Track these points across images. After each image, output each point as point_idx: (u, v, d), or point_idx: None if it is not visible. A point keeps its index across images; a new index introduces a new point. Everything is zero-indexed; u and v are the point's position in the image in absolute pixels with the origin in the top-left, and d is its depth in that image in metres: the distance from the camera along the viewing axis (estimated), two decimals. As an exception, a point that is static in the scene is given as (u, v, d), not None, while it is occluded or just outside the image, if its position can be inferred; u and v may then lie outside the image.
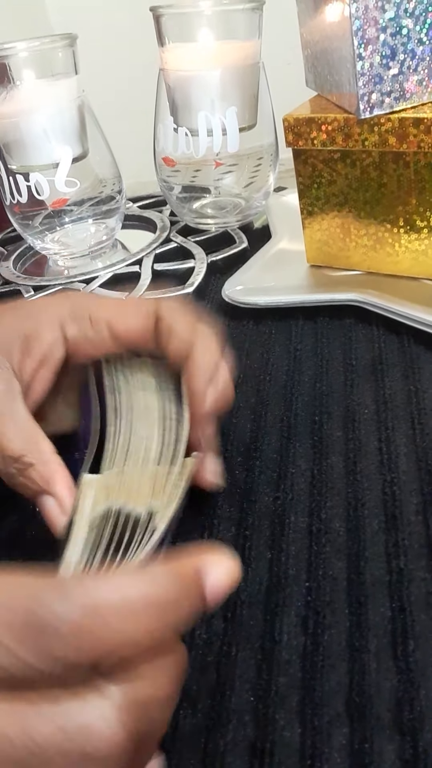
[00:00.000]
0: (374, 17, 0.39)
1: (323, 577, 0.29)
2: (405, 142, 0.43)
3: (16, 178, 0.55)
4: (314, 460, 0.36)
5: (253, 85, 0.57)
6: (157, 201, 0.70)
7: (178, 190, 0.62)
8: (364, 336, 0.45)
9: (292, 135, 0.46)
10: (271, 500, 0.34)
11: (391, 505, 0.32)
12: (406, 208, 0.46)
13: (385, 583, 0.29)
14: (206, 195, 0.63)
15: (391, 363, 0.42)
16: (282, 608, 0.28)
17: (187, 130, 0.56)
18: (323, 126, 0.45)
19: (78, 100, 0.55)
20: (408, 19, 0.40)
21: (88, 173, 0.57)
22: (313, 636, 0.27)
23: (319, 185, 0.48)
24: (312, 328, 0.47)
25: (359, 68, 0.40)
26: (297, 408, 0.39)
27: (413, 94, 0.42)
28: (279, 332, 0.47)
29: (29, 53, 0.52)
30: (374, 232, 0.48)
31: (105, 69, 1.01)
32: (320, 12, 0.45)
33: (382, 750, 0.23)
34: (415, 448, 0.35)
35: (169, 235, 0.61)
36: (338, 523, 0.32)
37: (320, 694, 0.25)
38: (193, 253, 0.57)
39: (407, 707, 0.24)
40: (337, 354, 0.44)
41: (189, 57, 0.55)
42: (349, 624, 0.27)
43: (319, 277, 0.51)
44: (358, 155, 0.46)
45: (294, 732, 0.24)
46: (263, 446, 0.37)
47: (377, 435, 0.37)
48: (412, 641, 0.26)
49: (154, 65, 0.58)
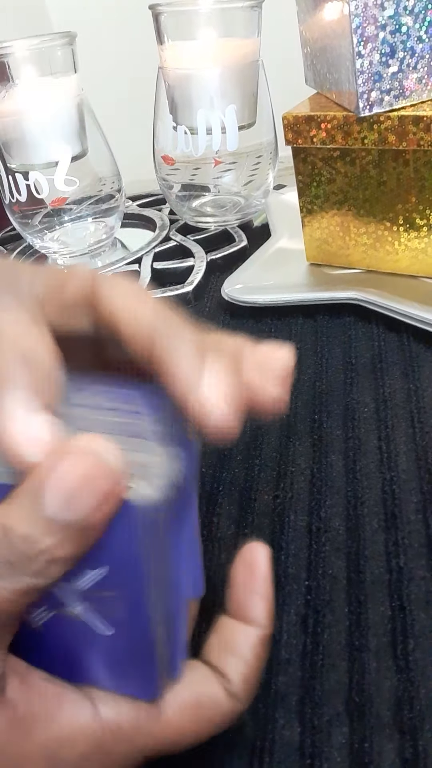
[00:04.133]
0: (373, 15, 0.39)
1: (323, 575, 0.29)
2: (404, 140, 0.42)
3: (15, 176, 0.55)
4: (314, 459, 0.36)
5: (253, 83, 0.57)
6: (156, 199, 0.70)
7: (178, 188, 0.62)
8: (363, 334, 0.45)
9: (292, 133, 0.46)
10: (271, 499, 0.34)
11: (390, 503, 0.32)
12: (406, 206, 0.46)
13: (384, 581, 0.29)
14: (205, 193, 0.63)
15: (391, 361, 0.42)
16: (282, 607, 0.28)
17: (187, 129, 0.56)
18: (323, 124, 0.45)
19: (77, 99, 0.55)
20: (407, 16, 0.40)
21: (88, 172, 0.57)
22: (312, 635, 0.27)
23: (319, 183, 0.48)
24: (311, 326, 0.47)
25: (359, 66, 0.40)
26: (297, 406, 0.39)
27: (413, 91, 0.42)
28: (278, 331, 0.47)
29: (29, 51, 0.52)
30: (374, 231, 0.48)
31: (104, 67, 1.01)
32: (319, 10, 0.45)
33: (382, 749, 0.23)
34: (415, 446, 0.35)
35: (168, 234, 0.61)
36: (338, 521, 0.32)
37: (320, 693, 0.25)
38: (193, 252, 0.57)
39: (407, 706, 0.24)
40: (337, 352, 0.44)
41: (188, 55, 0.54)
42: (348, 623, 0.27)
43: (319, 276, 0.51)
44: (358, 153, 0.46)
45: (294, 731, 0.24)
46: (263, 444, 0.37)
47: (377, 433, 0.37)
48: (411, 640, 0.26)
49: (153, 64, 0.58)
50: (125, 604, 0.20)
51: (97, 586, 0.20)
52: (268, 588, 0.23)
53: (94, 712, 0.20)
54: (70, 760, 0.20)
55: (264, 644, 0.23)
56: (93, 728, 0.20)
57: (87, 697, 0.21)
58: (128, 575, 0.19)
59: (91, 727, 0.20)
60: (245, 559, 0.23)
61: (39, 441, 0.19)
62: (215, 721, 0.22)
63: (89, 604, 0.20)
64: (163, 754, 0.21)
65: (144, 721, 0.21)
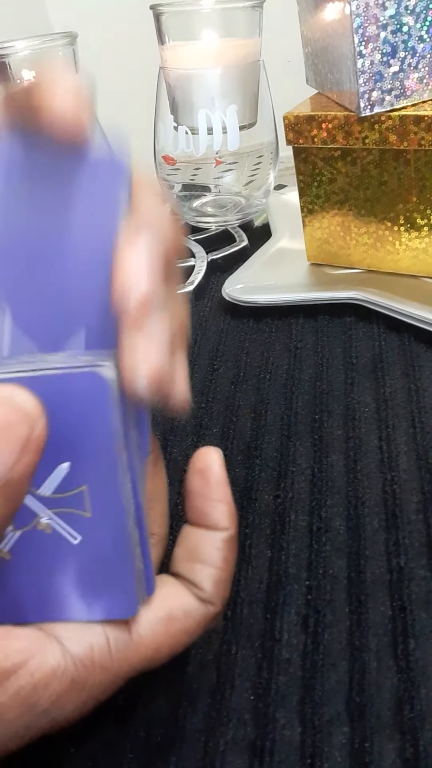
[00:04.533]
0: (375, 15, 0.39)
1: (323, 575, 0.29)
2: (405, 140, 0.42)
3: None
4: (314, 459, 0.36)
5: (254, 83, 0.57)
6: (157, 199, 0.70)
7: (178, 188, 0.62)
8: (364, 334, 0.45)
9: (293, 133, 0.46)
10: (272, 498, 0.34)
11: (391, 503, 0.32)
12: (407, 206, 0.46)
13: (385, 581, 0.29)
14: (206, 193, 0.63)
15: (392, 361, 0.42)
16: (282, 607, 0.28)
17: (188, 129, 0.56)
18: (324, 124, 0.45)
19: (78, 99, 0.55)
20: (409, 16, 0.40)
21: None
22: (313, 635, 0.27)
23: (320, 183, 0.48)
24: (312, 326, 0.47)
25: (360, 66, 0.40)
26: (297, 406, 0.39)
27: (414, 91, 0.42)
28: (279, 330, 0.47)
29: (29, 52, 0.52)
30: (374, 231, 0.48)
31: (105, 67, 1.01)
32: (321, 10, 0.44)
33: (383, 749, 0.23)
34: (416, 446, 0.35)
35: (169, 234, 0.61)
36: (338, 521, 0.32)
37: (320, 692, 0.25)
38: (194, 252, 0.57)
39: (407, 706, 0.24)
40: (338, 352, 0.44)
41: (189, 55, 0.55)
42: (349, 623, 0.27)
43: (320, 276, 0.51)
44: (359, 153, 0.46)
45: (294, 731, 0.24)
46: (263, 444, 0.37)
47: (377, 433, 0.36)
48: (412, 640, 0.26)
49: (154, 64, 0.58)
50: (97, 498, 0.19)
51: (62, 487, 0.19)
52: (225, 491, 0.23)
53: (62, 651, 0.20)
54: (46, 703, 0.20)
55: (231, 546, 0.23)
56: (63, 667, 0.20)
57: (53, 637, 0.20)
58: (100, 461, 0.19)
59: (62, 666, 0.20)
60: (197, 467, 0.23)
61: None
62: (190, 631, 0.22)
63: (56, 511, 0.19)
64: (141, 672, 0.21)
65: (115, 648, 0.21)
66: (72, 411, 0.19)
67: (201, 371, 0.44)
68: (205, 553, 0.23)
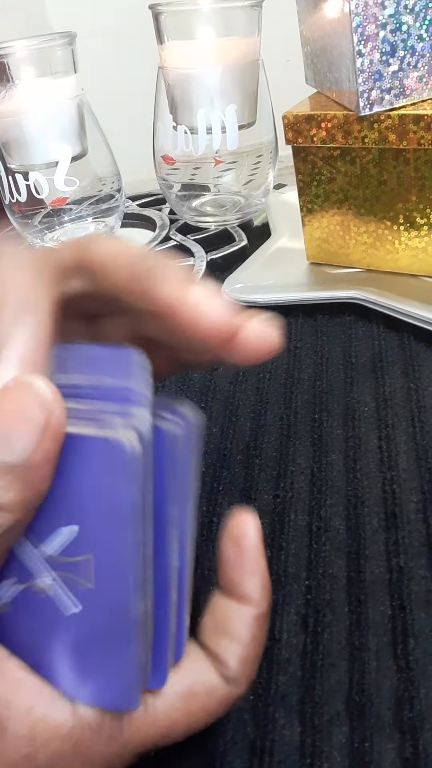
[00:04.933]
0: (374, 14, 0.39)
1: (323, 575, 0.29)
2: (405, 139, 0.42)
3: (15, 177, 0.55)
4: (314, 458, 0.36)
5: (253, 83, 0.57)
6: (156, 199, 0.70)
7: (178, 188, 0.62)
8: (363, 333, 0.45)
9: (292, 132, 0.46)
10: (271, 498, 0.34)
11: (391, 503, 0.32)
12: (406, 205, 0.46)
13: (385, 581, 0.29)
14: (205, 193, 0.63)
15: (391, 360, 0.42)
16: (282, 606, 0.28)
17: (187, 128, 0.56)
18: (323, 123, 0.45)
19: (77, 99, 0.55)
20: (408, 15, 0.40)
21: (88, 172, 0.57)
22: (313, 634, 0.27)
23: (319, 183, 0.48)
24: (312, 325, 0.47)
25: (359, 65, 0.40)
26: (297, 406, 0.39)
27: (413, 90, 0.42)
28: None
29: (28, 52, 0.52)
30: (374, 230, 0.48)
31: (104, 67, 1.01)
32: (320, 9, 0.44)
33: (382, 749, 0.23)
34: (415, 445, 0.35)
35: (168, 234, 0.61)
36: (338, 521, 0.32)
37: (320, 692, 0.25)
38: (193, 251, 0.57)
39: (407, 706, 0.24)
40: (337, 351, 0.44)
41: (188, 54, 0.54)
42: (349, 622, 0.27)
43: (319, 275, 0.51)
44: (358, 152, 0.45)
45: (294, 731, 0.24)
46: (263, 444, 0.37)
47: (377, 433, 0.36)
48: (412, 640, 0.26)
49: (153, 63, 0.58)
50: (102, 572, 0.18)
51: (68, 551, 0.18)
52: (260, 563, 0.22)
53: (72, 710, 0.19)
54: (45, 760, 0.18)
55: (261, 623, 0.21)
56: (68, 727, 0.18)
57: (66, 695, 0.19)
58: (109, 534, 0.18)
59: (67, 725, 0.18)
60: (232, 534, 0.22)
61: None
62: (210, 710, 0.20)
63: (60, 574, 0.18)
64: (153, 748, 0.20)
65: (128, 718, 0.19)
66: (88, 474, 0.17)
67: (200, 371, 0.44)
68: (233, 628, 0.21)
